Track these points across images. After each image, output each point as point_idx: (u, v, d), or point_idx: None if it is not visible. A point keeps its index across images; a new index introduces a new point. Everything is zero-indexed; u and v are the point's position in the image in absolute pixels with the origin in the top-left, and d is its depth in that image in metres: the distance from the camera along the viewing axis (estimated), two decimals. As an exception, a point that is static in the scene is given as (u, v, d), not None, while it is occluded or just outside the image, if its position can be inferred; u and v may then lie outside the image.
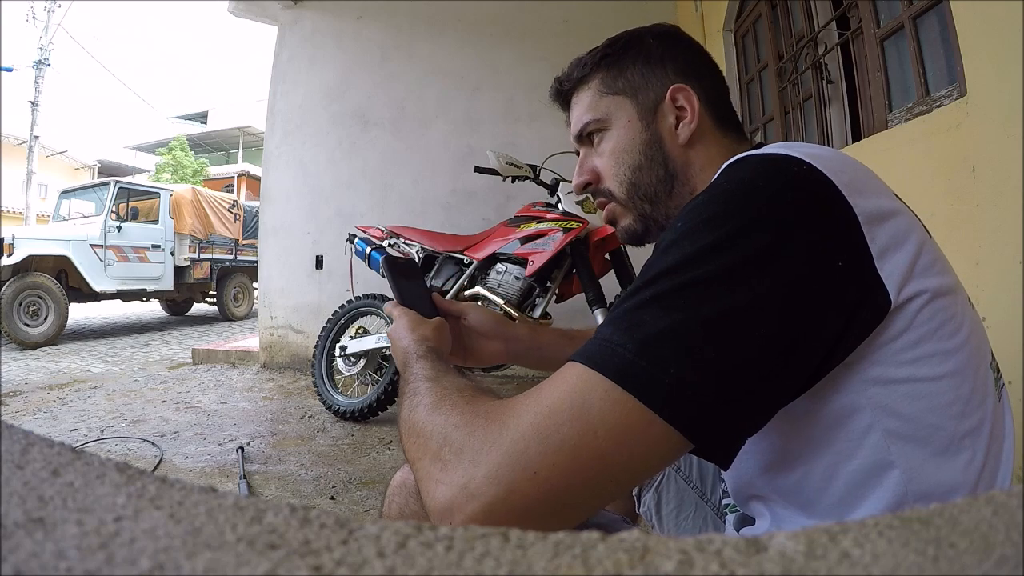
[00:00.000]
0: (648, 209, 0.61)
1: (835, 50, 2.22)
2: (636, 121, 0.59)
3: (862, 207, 0.40)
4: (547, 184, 2.34)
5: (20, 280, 4.85)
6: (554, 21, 3.59)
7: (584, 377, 0.37)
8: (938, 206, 1.45)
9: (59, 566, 0.13)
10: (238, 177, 10.64)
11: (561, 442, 0.36)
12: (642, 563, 0.14)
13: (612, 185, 0.62)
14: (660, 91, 0.59)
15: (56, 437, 0.27)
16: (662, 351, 0.36)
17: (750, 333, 0.37)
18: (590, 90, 0.62)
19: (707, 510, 0.70)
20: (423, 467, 0.41)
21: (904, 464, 0.41)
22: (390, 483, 0.68)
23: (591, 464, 0.36)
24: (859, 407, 0.41)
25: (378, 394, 2.43)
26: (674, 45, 0.61)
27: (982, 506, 0.17)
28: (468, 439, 0.39)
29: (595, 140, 0.63)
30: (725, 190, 0.42)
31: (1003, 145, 1.28)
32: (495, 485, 0.35)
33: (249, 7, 3.99)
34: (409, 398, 0.49)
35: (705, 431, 0.36)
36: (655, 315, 0.38)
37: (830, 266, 0.38)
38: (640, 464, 0.37)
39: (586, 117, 0.62)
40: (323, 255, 3.73)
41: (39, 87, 13.30)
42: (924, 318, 0.41)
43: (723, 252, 0.38)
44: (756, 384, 0.37)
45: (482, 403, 0.43)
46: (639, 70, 0.59)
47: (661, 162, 0.59)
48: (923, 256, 0.42)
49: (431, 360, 0.55)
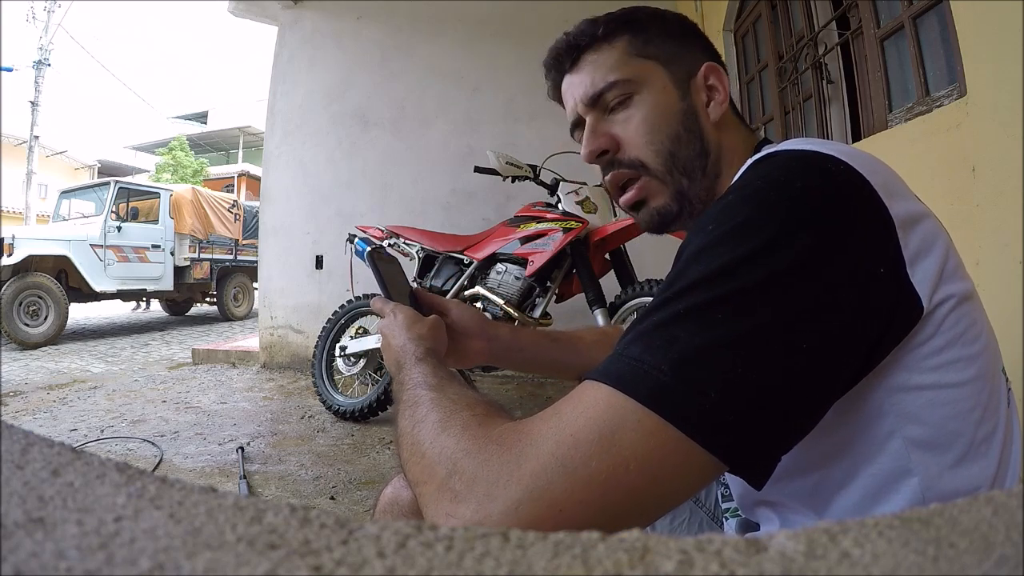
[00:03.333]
0: (686, 184, 0.54)
1: (835, 50, 2.22)
2: (672, 89, 0.54)
3: (896, 211, 0.39)
4: (547, 184, 2.34)
5: (20, 280, 4.85)
6: (554, 21, 3.55)
7: (613, 403, 0.34)
8: (938, 206, 1.44)
9: (59, 566, 0.13)
10: (238, 177, 10.64)
11: (590, 477, 0.32)
12: (642, 563, 0.14)
13: (645, 154, 0.54)
14: (693, 66, 0.55)
15: (56, 437, 0.27)
16: (700, 372, 0.33)
17: (792, 349, 0.34)
18: (615, 50, 0.55)
19: (701, 515, 0.68)
20: (429, 494, 0.37)
21: (923, 472, 0.40)
22: (380, 497, 0.66)
23: (622, 499, 0.33)
24: (883, 413, 0.40)
25: (378, 394, 2.43)
26: (693, 30, 0.59)
27: (982, 506, 0.17)
28: (481, 469, 0.35)
29: (614, 104, 0.55)
30: (758, 189, 0.39)
31: (1003, 145, 1.28)
32: (514, 524, 0.32)
33: (249, 7, 3.99)
34: (410, 408, 0.45)
35: (744, 455, 0.34)
36: (690, 331, 0.35)
37: (872, 274, 0.37)
38: (673, 495, 0.35)
39: (611, 76, 0.54)
40: (323, 255, 3.73)
41: (39, 87, 13.30)
42: (950, 323, 0.40)
43: (762, 261, 0.35)
44: (798, 401, 0.35)
45: (495, 424, 0.39)
46: (669, 43, 0.56)
47: (699, 135, 0.54)
48: (950, 261, 0.41)
49: (430, 364, 0.52)
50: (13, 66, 13.99)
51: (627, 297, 2.20)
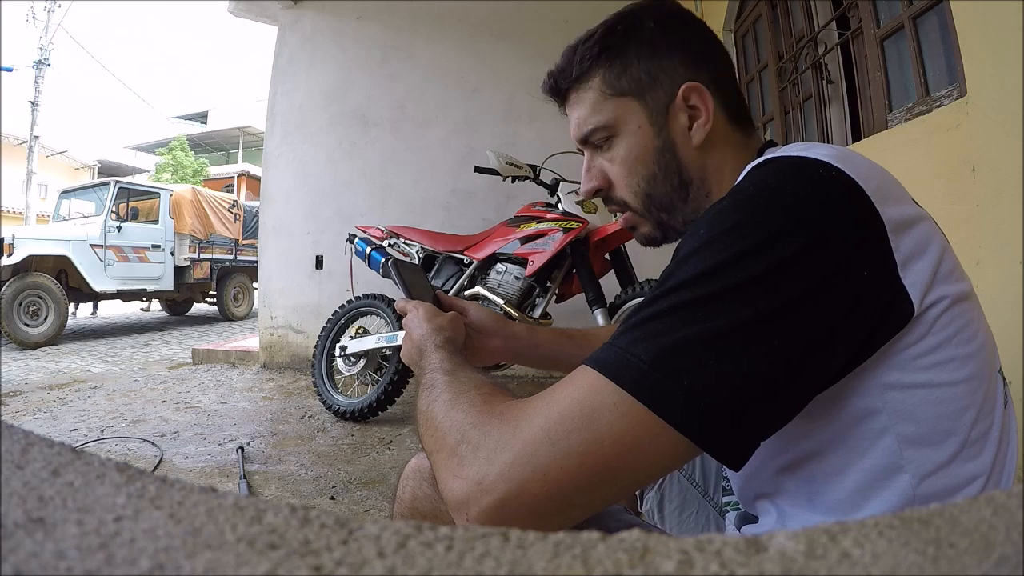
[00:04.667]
0: (665, 217, 0.58)
1: (835, 50, 2.22)
2: (647, 127, 0.55)
3: (889, 215, 0.40)
4: (547, 184, 2.34)
5: (20, 280, 4.85)
6: (554, 21, 3.58)
7: (596, 385, 0.38)
8: (938, 206, 1.45)
9: (59, 566, 0.13)
10: (238, 177, 10.62)
11: (569, 448, 0.37)
12: (642, 563, 0.14)
13: (626, 196, 0.58)
14: (671, 89, 0.54)
15: (56, 437, 0.27)
16: (677, 362, 0.37)
17: (766, 345, 0.37)
18: (591, 91, 0.56)
19: (709, 509, 0.70)
20: (441, 460, 0.43)
21: (914, 469, 0.41)
22: (405, 468, 0.68)
23: (597, 470, 0.37)
24: (876, 410, 0.41)
25: (378, 394, 2.43)
26: (678, 30, 0.56)
27: (982, 506, 0.17)
28: (484, 438, 0.41)
29: (599, 143, 0.58)
30: (751, 195, 0.42)
31: (1003, 145, 1.28)
32: (507, 483, 0.38)
33: (249, 7, 3.99)
34: (428, 390, 0.51)
35: (717, 439, 0.37)
36: (673, 326, 0.38)
37: (855, 278, 0.38)
38: (645, 471, 0.39)
39: (591, 123, 0.57)
40: (323, 255, 3.73)
41: (39, 87, 13.30)
42: (943, 324, 0.41)
43: (746, 264, 0.38)
44: (771, 394, 0.37)
45: (498, 402, 0.44)
46: (644, 66, 0.54)
47: (675, 170, 0.55)
48: (944, 263, 0.42)
49: (447, 351, 0.57)
50: (13, 66, 13.99)
51: (627, 297, 2.20)
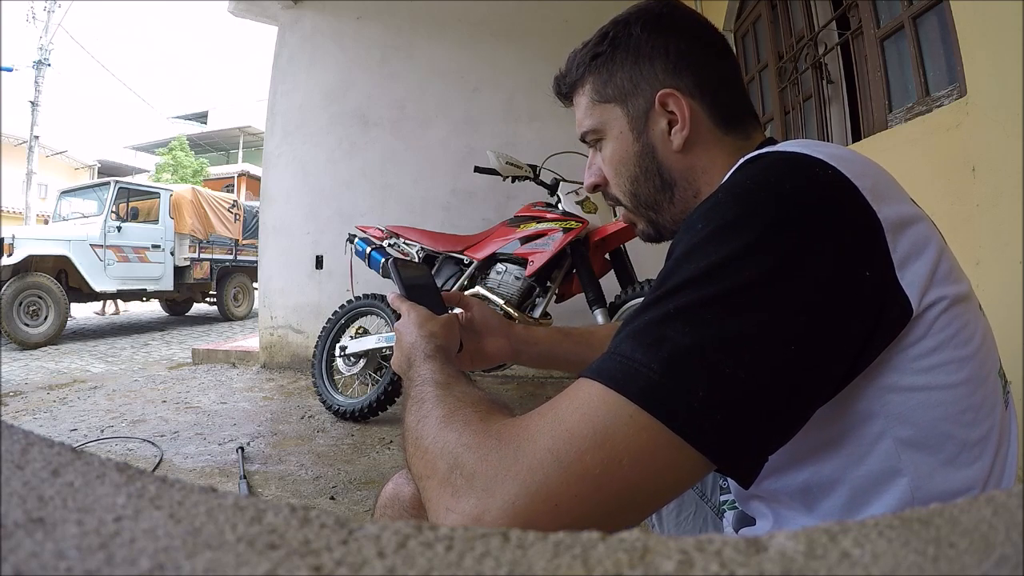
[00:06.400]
0: (654, 216, 0.60)
1: (835, 50, 2.22)
2: (627, 132, 0.57)
3: (886, 214, 0.39)
4: (547, 184, 2.34)
5: (20, 280, 4.85)
6: (554, 21, 3.58)
7: (606, 400, 0.35)
8: (938, 206, 1.45)
9: (59, 566, 0.13)
10: (238, 177, 10.63)
11: (584, 472, 0.33)
12: (642, 563, 0.14)
13: (618, 194, 0.61)
14: (649, 96, 0.55)
15: (56, 437, 0.27)
16: (689, 371, 0.34)
17: (780, 349, 0.35)
18: (584, 96, 0.59)
19: (707, 510, 0.70)
20: (431, 489, 0.38)
21: (912, 472, 0.40)
22: (381, 493, 0.66)
23: (616, 494, 0.34)
24: (873, 414, 0.41)
25: (378, 394, 2.43)
26: (664, 33, 0.55)
27: (982, 506, 0.17)
28: (480, 464, 0.36)
29: (595, 145, 0.61)
30: (747, 190, 0.41)
31: (1003, 145, 1.28)
32: (511, 518, 0.33)
33: (249, 7, 3.99)
34: (416, 404, 0.46)
35: (732, 454, 0.35)
36: (679, 330, 0.36)
37: (856, 276, 0.37)
38: (666, 490, 0.36)
39: (584, 125, 0.60)
40: (323, 255, 3.73)
41: (39, 87, 13.29)
42: (941, 325, 0.40)
43: (748, 261, 0.36)
44: (785, 402, 0.36)
45: (495, 421, 0.40)
46: (627, 73, 0.56)
47: (656, 172, 0.57)
48: (942, 263, 0.41)
49: (439, 361, 0.53)
50: (13, 66, 13.99)
51: (627, 297, 2.20)
